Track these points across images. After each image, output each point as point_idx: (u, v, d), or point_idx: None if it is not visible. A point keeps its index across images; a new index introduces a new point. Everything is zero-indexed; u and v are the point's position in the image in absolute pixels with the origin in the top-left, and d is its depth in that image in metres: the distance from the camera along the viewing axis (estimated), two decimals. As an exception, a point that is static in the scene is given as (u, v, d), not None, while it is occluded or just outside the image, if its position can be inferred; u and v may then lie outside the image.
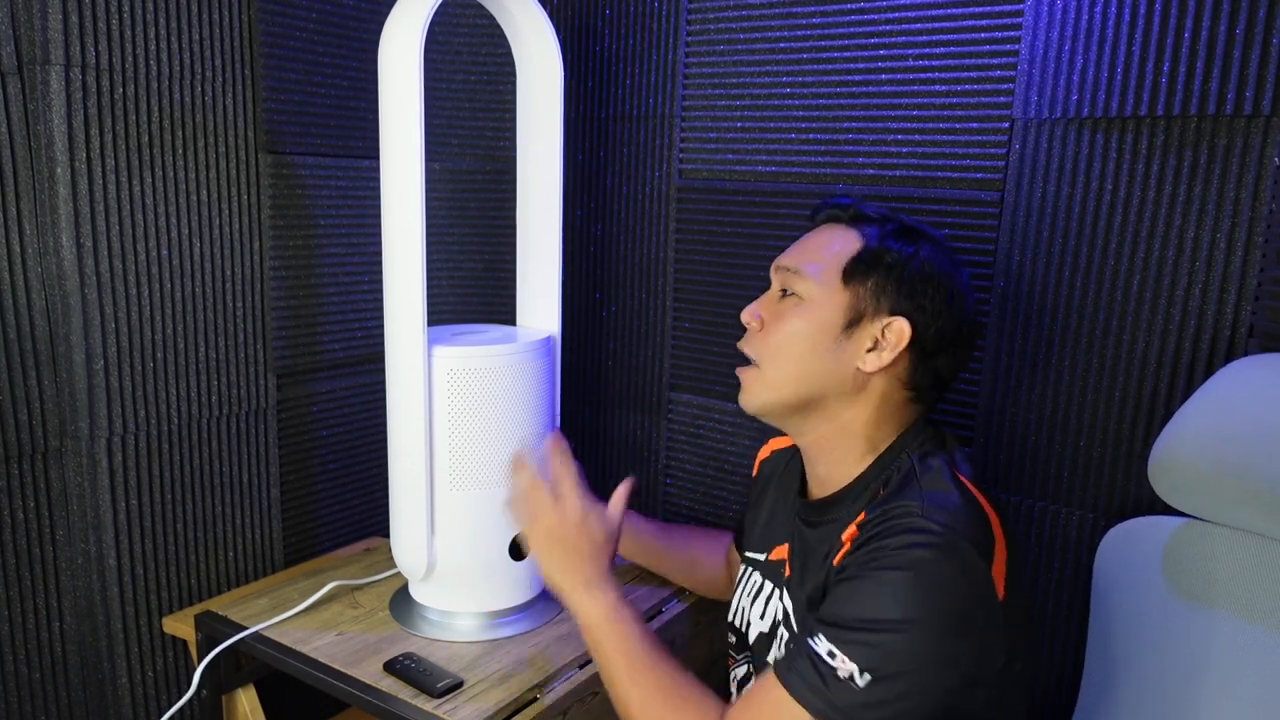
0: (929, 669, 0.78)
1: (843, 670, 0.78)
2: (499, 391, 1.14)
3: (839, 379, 0.92)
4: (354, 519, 1.56)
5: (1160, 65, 1.06)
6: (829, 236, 0.96)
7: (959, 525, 0.80)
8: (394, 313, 1.12)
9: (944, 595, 0.78)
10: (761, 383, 0.96)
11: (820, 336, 0.92)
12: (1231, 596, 0.94)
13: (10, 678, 1.18)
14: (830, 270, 0.93)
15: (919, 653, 0.77)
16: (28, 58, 1.08)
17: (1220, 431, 0.93)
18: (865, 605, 0.79)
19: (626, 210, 1.53)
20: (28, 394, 1.14)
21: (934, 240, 0.96)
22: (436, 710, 1.01)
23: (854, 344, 0.92)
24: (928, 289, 0.91)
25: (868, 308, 0.91)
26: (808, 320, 0.93)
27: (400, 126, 1.06)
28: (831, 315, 0.92)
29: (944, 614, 0.78)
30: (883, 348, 0.91)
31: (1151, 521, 1.03)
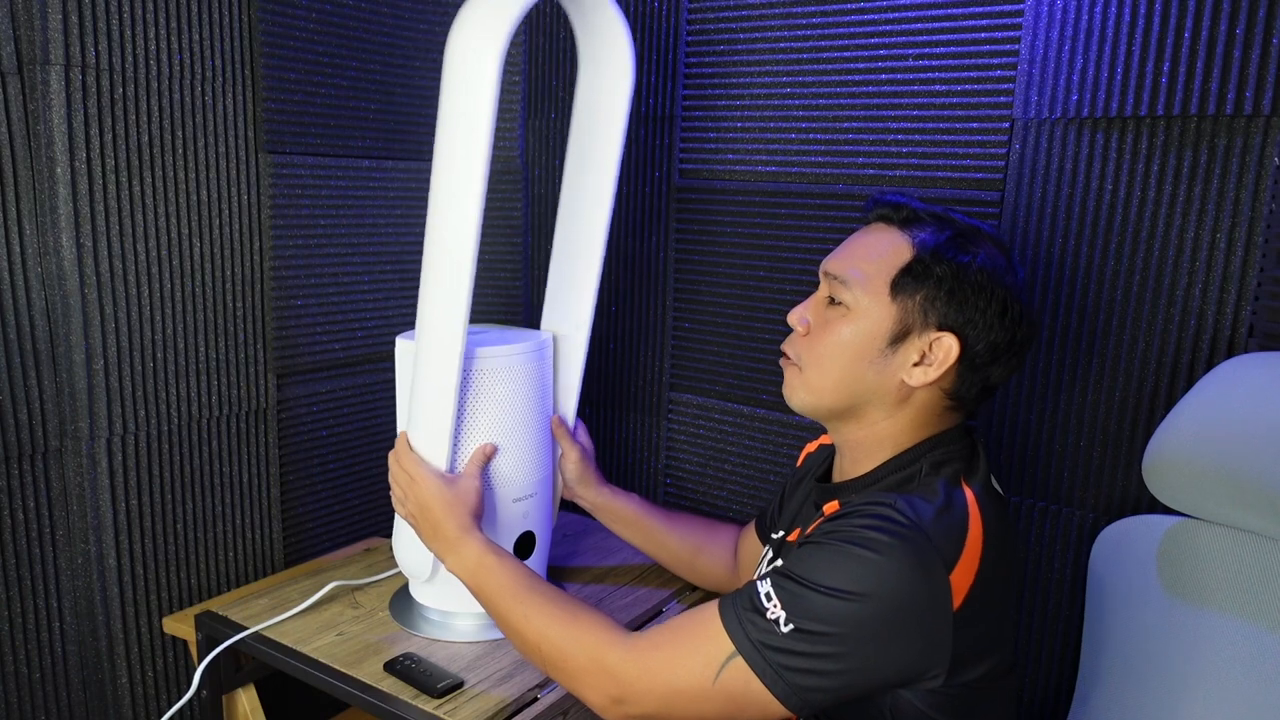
0: (854, 644, 0.79)
1: (771, 613, 0.80)
2: (505, 391, 1.14)
3: (882, 390, 0.91)
4: (354, 519, 1.55)
5: (1160, 65, 1.06)
6: (879, 241, 0.92)
7: (926, 526, 0.81)
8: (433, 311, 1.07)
9: (887, 581, 0.78)
10: (803, 384, 0.95)
11: (865, 349, 0.90)
12: (1225, 595, 0.94)
13: (10, 678, 1.18)
14: (878, 280, 0.90)
15: (848, 623, 0.78)
16: (28, 58, 1.08)
17: (1213, 430, 0.93)
18: (813, 566, 0.81)
19: (626, 210, 1.53)
20: (28, 394, 1.14)
21: (993, 241, 0.93)
22: (437, 710, 1.01)
23: (900, 357, 0.90)
24: (979, 301, 0.88)
25: (915, 321, 0.89)
26: (853, 331, 0.91)
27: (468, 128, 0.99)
28: (877, 327, 0.90)
29: (882, 598, 0.78)
30: (929, 363, 0.89)
31: (1146, 520, 1.03)
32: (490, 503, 1.15)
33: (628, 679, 0.86)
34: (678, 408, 1.54)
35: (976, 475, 0.90)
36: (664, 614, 1.29)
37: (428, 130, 1.48)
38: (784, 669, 0.79)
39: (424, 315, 1.08)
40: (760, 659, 0.80)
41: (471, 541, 1.03)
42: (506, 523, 1.17)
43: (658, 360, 1.55)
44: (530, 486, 1.19)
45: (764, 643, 0.80)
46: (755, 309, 1.43)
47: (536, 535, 1.21)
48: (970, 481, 0.88)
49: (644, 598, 1.31)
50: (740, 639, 0.81)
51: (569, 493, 1.31)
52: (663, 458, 1.57)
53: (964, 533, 0.82)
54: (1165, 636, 0.98)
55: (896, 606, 0.78)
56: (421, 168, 1.52)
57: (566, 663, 0.91)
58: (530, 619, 0.95)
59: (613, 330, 1.58)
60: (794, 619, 0.79)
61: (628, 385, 1.59)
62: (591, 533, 1.52)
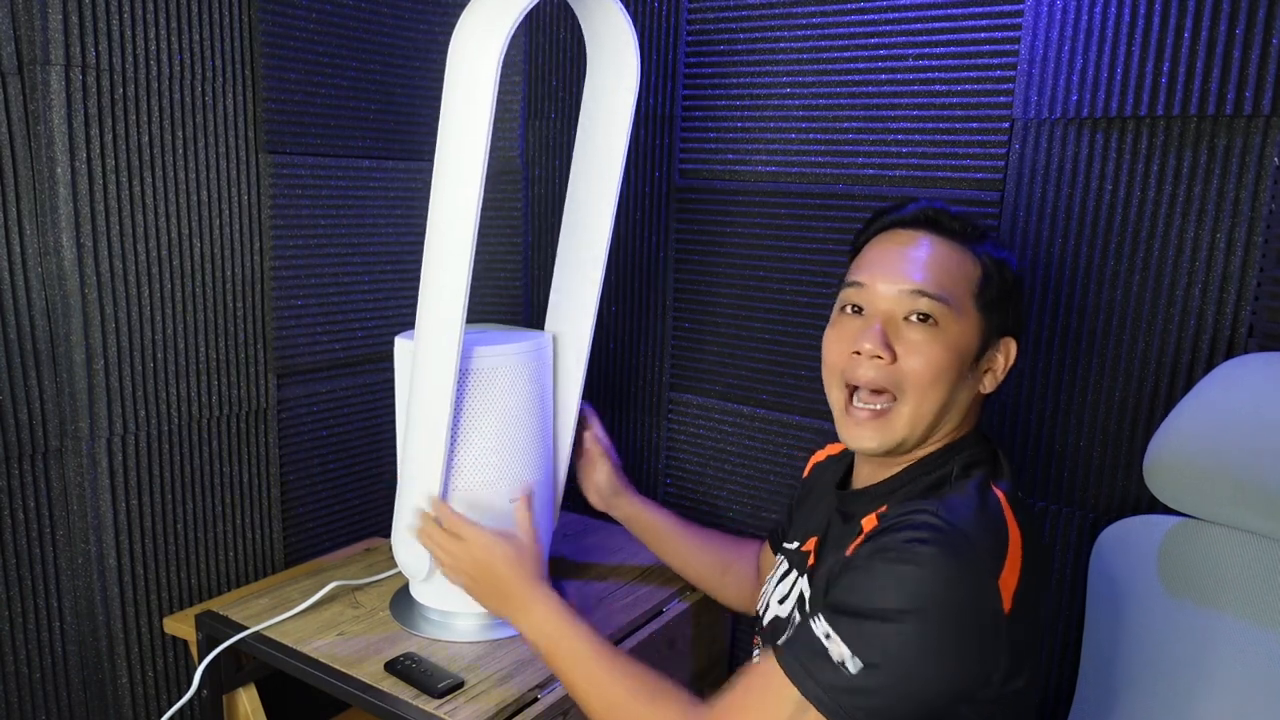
0: (920, 663, 0.77)
1: (835, 653, 0.78)
2: (501, 391, 1.14)
3: (965, 406, 0.91)
4: (354, 519, 1.55)
5: (1160, 65, 1.06)
6: (945, 254, 0.90)
7: (969, 529, 0.80)
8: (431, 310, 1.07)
9: (943, 589, 0.77)
10: (902, 418, 0.89)
11: (961, 369, 0.89)
12: (1226, 595, 0.94)
13: (10, 678, 1.18)
14: (964, 298, 0.89)
15: (911, 645, 0.77)
16: (28, 58, 1.08)
17: (1214, 430, 0.93)
18: (865, 593, 0.79)
19: (626, 210, 1.53)
20: (28, 394, 1.14)
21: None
22: (437, 710, 1.01)
23: (979, 370, 0.92)
24: (1021, 300, 0.92)
25: (992, 333, 0.91)
26: (953, 353, 0.88)
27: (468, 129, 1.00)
28: (970, 344, 0.89)
29: (941, 607, 0.77)
30: (995, 369, 0.92)
31: (1146, 520, 1.03)
32: (487, 503, 1.15)
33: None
34: (678, 408, 1.54)
35: (1003, 477, 0.89)
36: (664, 613, 1.29)
37: (428, 130, 1.48)
38: (857, 709, 0.77)
39: (423, 314, 1.08)
40: (833, 703, 0.77)
41: (544, 601, 0.99)
42: (504, 522, 1.17)
43: (658, 360, 1.55)
44: (527, 488, 1.19)
45: (834, 685, 0.78)
46: (755, 309, 1.43)
47: (536, 535, 1.21)
48: (998, 483, 0.87)
49: (645, 597, 1.31)
50: (809, 688, 0.78)
51: (602, 504, 1.31)
52: (663, 458, 1.57)
53: (1005, 534, 0.82)
54: (1166, 637, 0.98)
55: (953, 613, 0.77)
56: (421, 168, 1.52)
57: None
58: (600, 687, 0.92)
59: (613, 330, 1.58)
60: (859, 654, 0.77)
61: (628, 385, 1.59)
62: (592, 532, 1.52)
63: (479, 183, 1.00)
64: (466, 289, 1.03)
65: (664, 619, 1.28)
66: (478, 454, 1.14)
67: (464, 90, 1.00)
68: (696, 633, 1.35)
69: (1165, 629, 0.98)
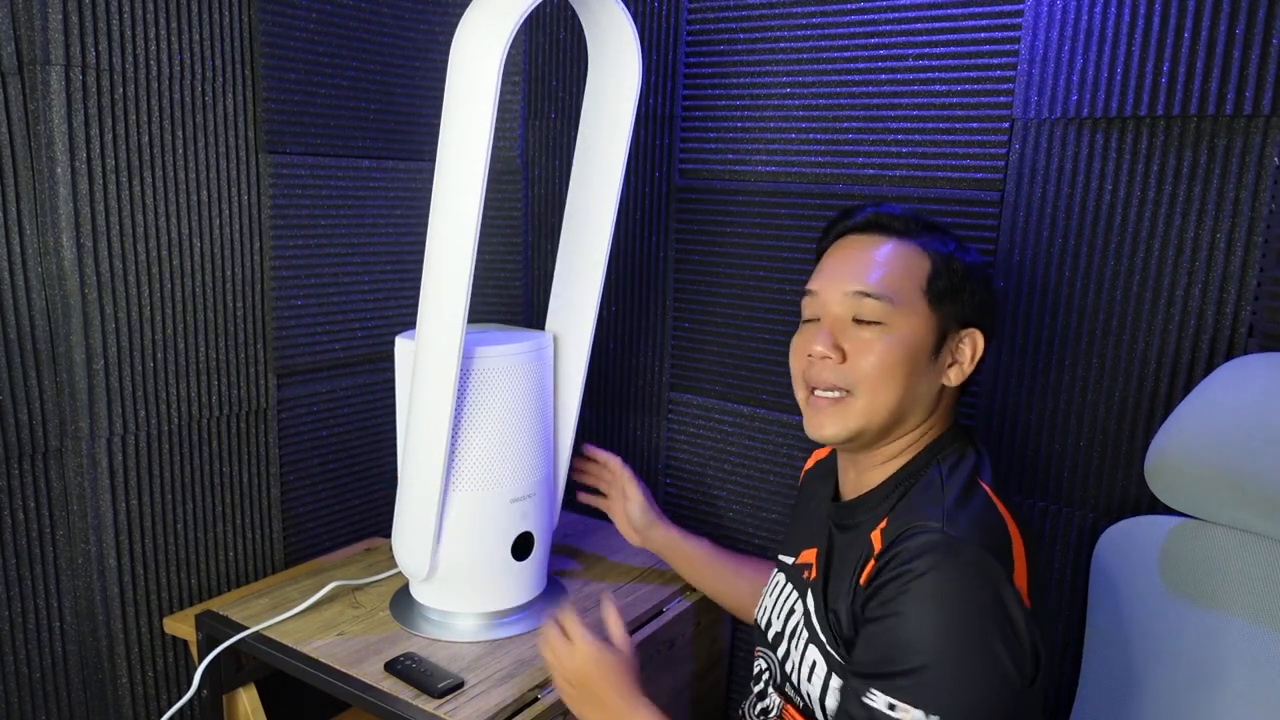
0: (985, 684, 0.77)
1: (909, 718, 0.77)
2: (502, 391, 1.14)
3: (928, 398, 0.93)
4: (354, 519, 1.55)
5: (1160, 65, 1.06)
6: (894, 253, 0.92)
7: (979, 534, 0.81)
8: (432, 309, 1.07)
9: (975, 608, 0.77)
10: (854, 411, 0.92)
11: (916, 362, 0.91)
12: (1227, 595, 0.94)
13: (10, 678, 1.18)
14: (912, 293, 0.91)
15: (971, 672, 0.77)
16: (28, 58, 1.08)
17: (1216, 431, 0.93)
18: (906, 646, 0.78)
19: (626, 210, 1.53)
20: (28, 394, 1.14)
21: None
22: (437, 710, 1.01)
23: (940, 363, 0.92)
24: (980, 290, 0.93)
25: (950, 326, 0.92)
26: (903, 349, 0.90)
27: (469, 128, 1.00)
28: (923, 339, 0.91)
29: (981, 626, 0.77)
30: (961, 361, 0.93)
31: (1148, 521, 1.03)
32: (487, 502, 1.15)
33: None
34: (678, 408, 1.54)
35: (987, 472, 0.91)
36: (664, 613, 1.29)
37: (428, 130, 1.48)
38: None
39: (424, 315, 1.08)
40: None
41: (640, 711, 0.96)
42: (505, 523, 1.17)
43: (658, 360, 1.55)
44: (529, 487, 1.19)
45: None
46: (755, 309, 1.43)
47: (536, 536, 1.21)
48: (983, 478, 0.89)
49: (645, 596, 1.31)
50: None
51: (637, 538, 1.31)
52: (663, 458, 1.57)
53: (1007, 533, 0.83)
54: (1167, 637, 0.98)
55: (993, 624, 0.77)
56: (421, 168, 1.52)
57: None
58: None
59: (613, 330, 1.58)
60: (932, 709, 0.76)
61: (628, 385, 1.59)
62: (593, 533, 1.52)
63: (481, 184, 1.00)
64: (468, 290, 1.04)
65: (664, 619, 1.28)
66: (479, 454, 1.14)
67: (466, 92, 1.00)
68: (697, 632, 1.35)
69: (1167, 629, 0.98)
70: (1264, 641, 0.91)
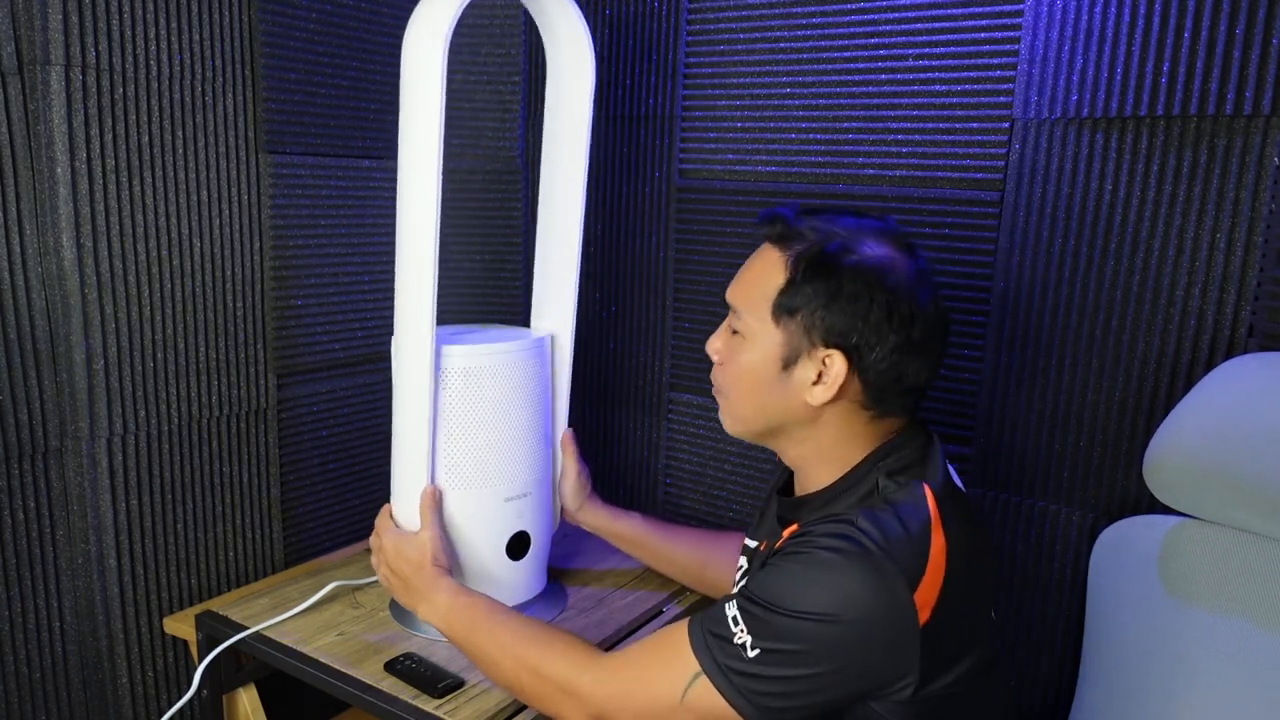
0: (819, 663, 0.79)
1: (738, 637, 0.82)
2: (502, 390, 1.14)
3: (791, 411, 0.92)
4: (354, 519, 1.55)
5: (1160, 65, 1.06)
6: (762, 264, 0.93)
7: (886, 542, 0.80)
8: (403, 312, 1.11)
9: (851, 601, 0.79)
10: (728, 413, 0.99)
11: (762, 374, 0.92)
12: (1226, 595, 0.94)
13: (10, 678, 1.18)
14: (761, 307, 0.91)
15: (813, 645, 0.79)
16: (28, 58, 1.08)
17: (1214, 430, 0.93)
18: (776, 587, 0.82)
19: (626, 210, 1.53)
20: (28, 394, 1.14)
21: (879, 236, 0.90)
22: (437, 710, 1.01)
23: (796, 379, 0.90)
24: (859, 310, 0.86)
25: (802, 343, 0.89)
26: (750, 360, 0.93)
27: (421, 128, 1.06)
28: (768, 353, 0.91)
29: (846, 619, 0.79)
30: (824, 381, 0.89)
31: (1146, 520, 1.03)
32: (481, 501, 1.15)
33: (601, 700, 0.89)
34: (678, 408, 1.54)
35: (934, 476, 0.88)
36: (663, 613, 1.29)
37: (428, 130, 1.48)
38: (750, 692, 0.81)
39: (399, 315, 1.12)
40: (725, 681, 0.82)
41: (439, 587, 1.07)
42: (498, 522, 1.17)
43: (658, 360, 1.55)
44: (524, 485, 1.19)
45: (729, 667, 0.82)
46: (755, 309, 1.43)
47: (532, 536, 1.21)
48: (929, 484, 0.86)
49: (643, 599, 1.31)
50: (706, 661, 0.83)
51: (569, 518, 1.33)
52: (663, 458, 1.57)
53: (926, 545, 0.82)
54: (1166, 637, 0.98)
55: (862, 627, 0.79)
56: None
57: (543, 689, 0.94)
58: (505, 649, 0.98)
59: (613, 330, 1.58)
60: (760, 642, 0.81)
61: (628, 385, 1.59)
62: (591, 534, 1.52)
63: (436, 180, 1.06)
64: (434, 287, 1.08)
65: (663, 619, 1.28)
66: (469, 452, 1.14)
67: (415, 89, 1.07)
68: (696, 633, 1.35)
69: (1165, 629, 0.98)
70: (1262, 640, 0.91)
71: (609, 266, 1.57)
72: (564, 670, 0.92)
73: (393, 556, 1.12)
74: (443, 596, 1.06)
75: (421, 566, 1.09)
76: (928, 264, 0.92)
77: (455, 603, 1.05)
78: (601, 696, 0.89)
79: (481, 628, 1.01)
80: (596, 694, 0.90)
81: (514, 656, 0.97)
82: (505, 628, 1.00)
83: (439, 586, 1.07)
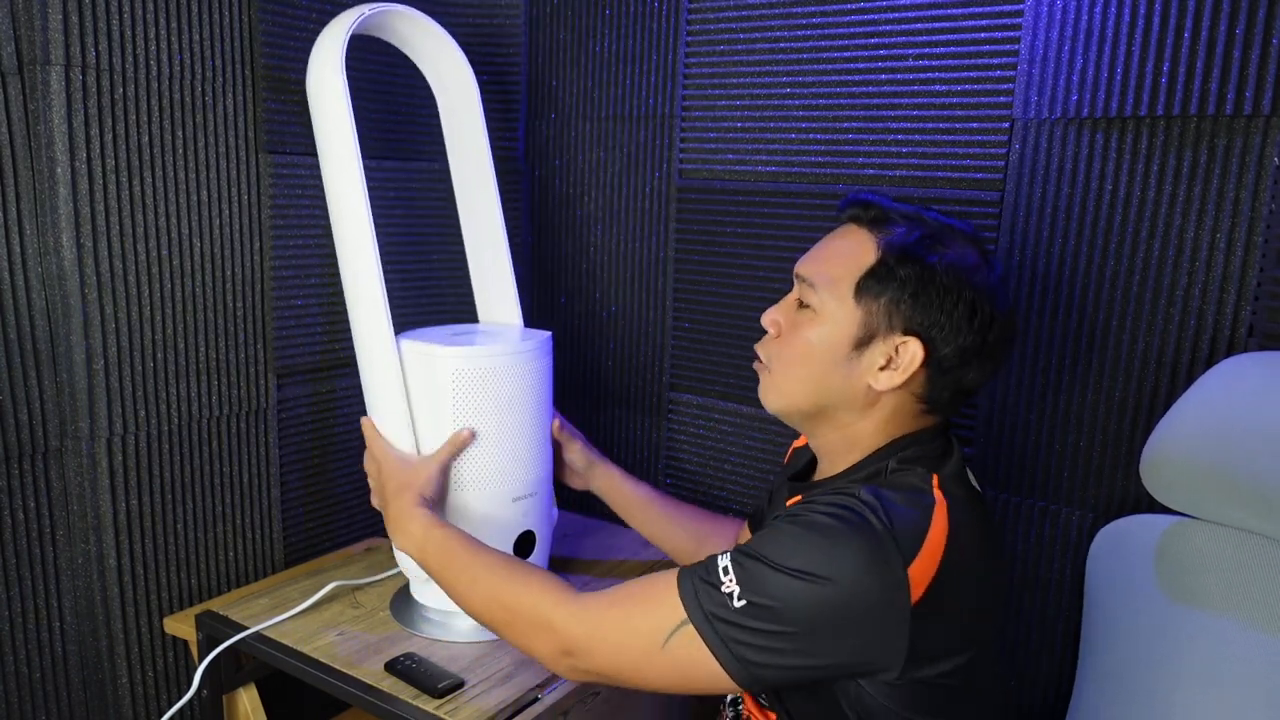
0: (804, 624, 0.79)
1: (726, 587, 0.81)
2: (504, 391, 1.14)
3: (849, 394, 0.91)
4: (354, 519, 1.55)
5: (1160, 65, 1.06)
6: (847, 243, 0.93)
7: (885, 515, 0.81)
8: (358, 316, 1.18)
9: (843, 567, 0.78)
10: (773, 387, 0.97)
11: (831, 352, 0.91)
12: (1223, 594, 0.94)
13: (10, 678, 1.18)
14: (843, 284, 0.90)
15: (800, 603, 0.79)
16: (28, 58, 1.08)
17: (1211, 429, 0.93)
18: (772, 546, 0.82)
19: (626, 210, 1.53)
20: (28, 394, 1.14)
21: (966, 238, 0.92)
22: (437, 710, 1.01)
23: (865, 361, 0.90)
24: (945, 304, 0.87)
25: (880, 325, 0.89)
26: (819, 335, 0.91)
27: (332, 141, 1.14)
28: (843, 332, 0.90)
29: (836, 584, 0.78)
30: (895, 367, 0.89)
31: (1143, 520, 1.03)
32: (489, 502, 1.15)
33: (576, 635, 0.88)
34: (678, 408, 1.54)
35: (947, 470, 0.88)
36: (664, 614, 1.29)
37: (428, 130, 1.48)
38: (733, 642, 0.80)
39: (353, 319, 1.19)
40: (710, 629, 0.81)
41: (417, 516, 1.05)
42: (506, 522, 1.17)
43: (658, 360, 1.55)
44: (530, 486, 1.19)
45: (715, 614, 0.81)
46: (755, 309, 1.42)
47: (537, 534, 1.21)
48: (940, 476, 0.87)
49: (644, 597, 1.31)
50: (693, 608, 0.82)
51: (580, 481, 1.33)
52: (663, 458, 1.57)
53: (925, 526, 0.82)
54: (1163, 636, 0.98)
55: (850, 593, 0.78)
56: (421, 168, 1.52)
57: (516, 618, 0.93)
58: (479, 580, 0.97)
59: (613, 330, 1.58)
60: (747, 594, 0.80)
61: (628, 385, 1.59)
62: (592, 533, 1.52)
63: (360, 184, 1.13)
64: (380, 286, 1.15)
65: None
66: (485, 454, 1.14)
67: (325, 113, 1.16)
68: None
69: (1163, 628, 0.98)
70: (1259, 640, 0.91)
71: (609, 266, 1.57)
72: (538, 602, 0.91)
73: (385, 475, 1.12)
74: (417, 526, 1.05)
75: (402, 492, 1.08)
76: (1005, 271, 0.93)
77: (431, 534, 1.03)
78: (577, 632, 0.88)
79: (457, 559, 1.00)
80: (572, 628, 0.88)
81: (486, 589, 0.96)
82: (480, 561, 0.98)
83: (414, 516, 1.05)
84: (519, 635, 0.93)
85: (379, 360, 1.14)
